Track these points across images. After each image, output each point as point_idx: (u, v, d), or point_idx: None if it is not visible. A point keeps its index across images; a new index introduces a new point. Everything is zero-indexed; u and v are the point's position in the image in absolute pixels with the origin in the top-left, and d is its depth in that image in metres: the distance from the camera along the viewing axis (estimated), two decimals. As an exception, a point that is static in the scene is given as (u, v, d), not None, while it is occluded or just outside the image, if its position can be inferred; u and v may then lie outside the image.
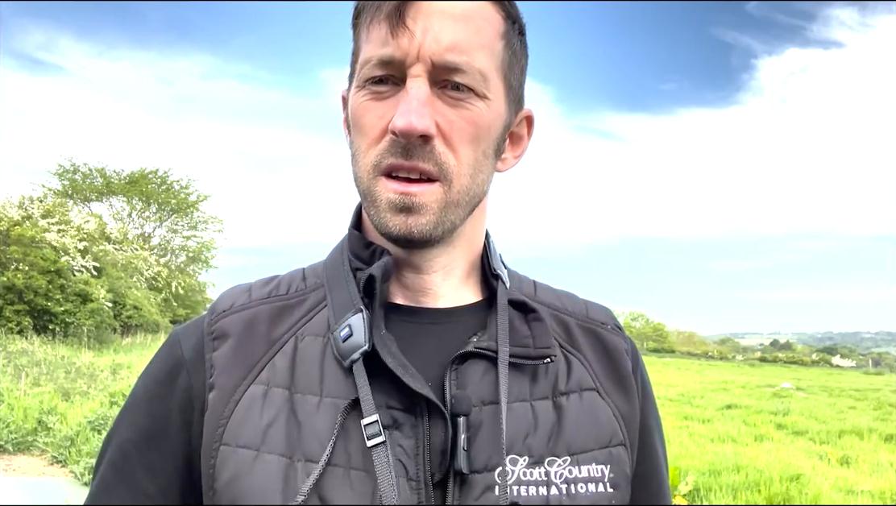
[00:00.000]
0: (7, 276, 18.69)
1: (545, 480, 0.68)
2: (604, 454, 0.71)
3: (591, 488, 0.69)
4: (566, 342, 0.78)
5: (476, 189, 0.72)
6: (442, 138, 0.68)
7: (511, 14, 0.73)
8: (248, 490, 0.66)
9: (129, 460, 0.72)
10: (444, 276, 0.76)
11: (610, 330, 0.82)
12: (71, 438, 7.52)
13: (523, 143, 0.80)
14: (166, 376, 0.74)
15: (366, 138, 0.70)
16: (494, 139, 0.72)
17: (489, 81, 0.69)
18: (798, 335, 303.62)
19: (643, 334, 50.74)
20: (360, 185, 0.71)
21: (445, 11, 0.67)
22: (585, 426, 0.72)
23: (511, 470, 0.67)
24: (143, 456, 0.72)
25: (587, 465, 0.70)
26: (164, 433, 0.72)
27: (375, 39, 0.68)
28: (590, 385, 0.75)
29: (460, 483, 0.65)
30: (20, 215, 20.70)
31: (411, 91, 0.66)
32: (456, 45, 0.67)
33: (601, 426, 0.73)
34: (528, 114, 0.79)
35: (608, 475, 0.70)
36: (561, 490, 0.68)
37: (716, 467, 7.34)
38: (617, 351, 0.79)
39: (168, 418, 0.72)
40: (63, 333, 19.38)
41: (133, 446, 0.73)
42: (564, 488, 0.68)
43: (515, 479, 0.67)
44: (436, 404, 0.66)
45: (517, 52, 0.74)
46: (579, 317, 0.82)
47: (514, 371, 0.72)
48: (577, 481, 0.69)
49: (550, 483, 0.68)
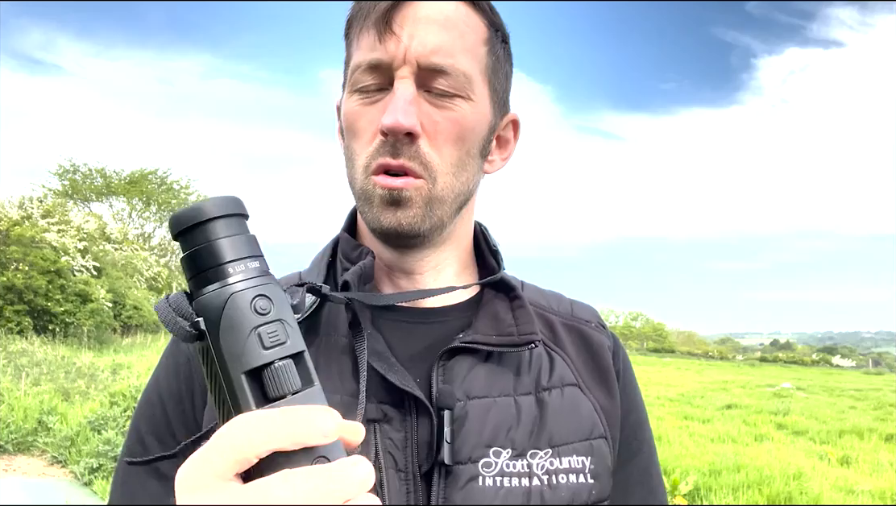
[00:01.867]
0: (7, 276, 18.70)
1: (527, 471, 0.70)
2: (584, 446, 0.74)
3: (571, 478, 0.72)
4: (550, 340, 0.81)
5: (461, 187, 0.74)
6: (427, 138, 0.71)
7: (494, 22, 0.77)
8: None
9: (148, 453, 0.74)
10: (434, 276, 0.79)
11: (594, 328, 0.85)
12: (71, 438, 7.53)
13: (510, 146, 0.83)
14: (169, 375, 0.77)
15: (359, 141, 0.73)
16: (479, 140, 0.75)
17: (473, 84, 0.73)
18: (798, 335, 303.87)
19: (643, 334, 50.73)
20: (355, 186, 0.74)
21: (431, 18, 0.71)
22: (566, 420, 0.74)
23: (494, 462, 0.70)
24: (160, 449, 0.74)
25: (568, 457, 0.72)
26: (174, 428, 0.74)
27: (364, 46, 0.72)
28: (571, 381, 0.78)
29: (445, 474, 0.68)
30: (20, 215, 20.71)
31: (398, 91, 0.69)
32: (441, 49, 0.70)
33: (582, 420, 0.75)
34: (513, 118, 0.82)
35: (589, 467, 0.73)
36: (542, 481, 0.70)
37: (716, 467, 7.35)
38: (599, 347, 0.82)
39: (180, 413, 0.75)
40: (63, 333, 19.39)
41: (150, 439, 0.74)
42: (546, 478, 0.71)
43: (499, 470, 0.70)
44: (422, 400, 0.69)
45: (500, 58, 0.77)
46: (564, 316, 0.85)
47: (498, 366, 0.75)
48: (558, 472, 0.71)
49: (532, 474, 0.70)
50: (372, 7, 0.72)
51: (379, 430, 0.69)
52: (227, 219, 0.46)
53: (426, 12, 0.71)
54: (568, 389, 0.77)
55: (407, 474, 0.68)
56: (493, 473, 0.69)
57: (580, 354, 0.81)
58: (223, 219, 0.46)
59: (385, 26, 0.70)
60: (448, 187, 0.73)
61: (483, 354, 0.75)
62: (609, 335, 0.85)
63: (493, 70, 0.76)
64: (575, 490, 0.71)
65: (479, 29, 0.74)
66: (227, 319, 0.45)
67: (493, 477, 0.69)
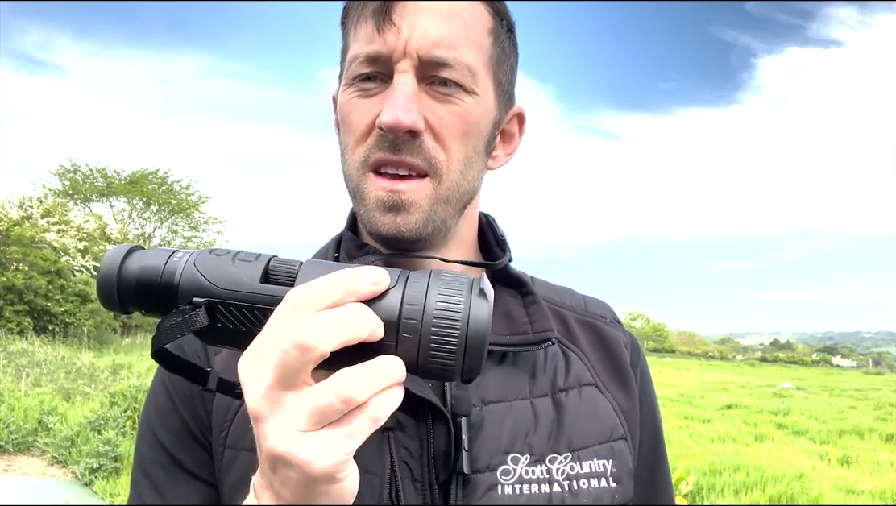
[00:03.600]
0: (7, 276, 18.68)
1: (547, 477, 0.67)
2: (605, 449, 0.71)
3: (593, 483, 0.69)
4: (564, 337, 0.77)
5: (467, 186, 0.71)
6: (431, 133, 0.67)
7: (499, 11, 0.73)
8: None
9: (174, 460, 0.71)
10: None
11: (608, 323, 0.82)
12: (71, 438, 7.52)
13: (515, 140, 0.79)
14: (178, 380, 0.73)
15: (353, 135, 0.70)
16: (484, 135, 0.72)
17: (477, 77, 0.69)
18: (798, 335, 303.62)
19: (643, 334, 50.68)
20: (349, 182, 0.71)
21: (432, 8, 0.67)
22: (585, 422, 0.71)
23: (513, 469, 0.67)
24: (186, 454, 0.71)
25: (588, 460, 0.70)
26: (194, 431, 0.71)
27: (363, 37, 0.68)
28: (588, 380, 0.75)
29: (463, 483, 0.65)
30: (20, 215, 20.70)
31: (398, 86, 0.66)
32: (443, 41, 0.67)
33: (601, 421, 0.72)
34: (519, 111, 0.78)
35: (610, 470, 0.70)
36: (563, 487, 0.67)
37: (716, 467, 7.34)
38: (615, 344, 0.79)
39: (191, 418, 0.72)
40: (63, 333, 19.37)
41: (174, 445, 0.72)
42: (566, 484, 0.68)
43: (517, 477, 0.67)
44: (438, 406, 0.66)
45: (506, 49, 0.74)
46: (577, 311, 0.82)
47: (513, 368, 0.72)
48: (578, 477, 0.68)
49: (552, 480, 0.67)
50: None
51: (393, 438, 0.65)
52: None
53: (428, 3, 0.67)
54: (585, 389, 0.74)
55: (423, 484, 0.65)
56: (511, 480, 0.66)
57: (596, 351, 0.78)
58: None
59: (385, 16, 0.66)
60: (454, 187, 0.69)
61: (497, 356, 0.72)
62: (624, 331, 0.82)
63: (498, 62, 0.72)
64: (597, 495, 0.68)
65: (484, 18, 0.71)
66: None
67: (511, 485, 0.66)
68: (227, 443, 0.68)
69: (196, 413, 0.71)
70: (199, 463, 0.71)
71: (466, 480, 0.66)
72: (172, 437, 0.72)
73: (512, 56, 0.75)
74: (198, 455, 0.71)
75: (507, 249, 0.79)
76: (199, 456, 0.71)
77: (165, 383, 0.74)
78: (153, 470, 0.72)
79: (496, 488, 0.66)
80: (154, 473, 0.72)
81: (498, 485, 0.66)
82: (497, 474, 0.67)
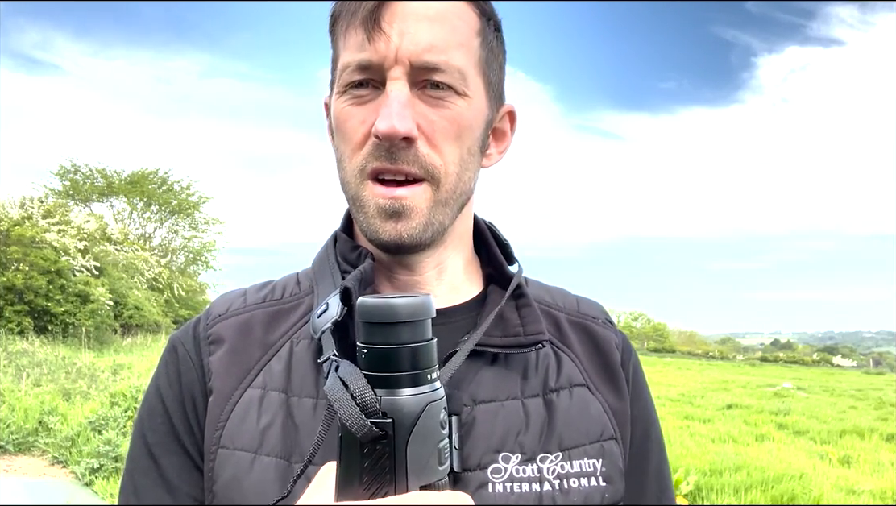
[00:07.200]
0: (7, 276, 18.68)
1: (538, 476, 0.69)
2: (595, 449, 0.72)
3: (583, 482, 0.70)
4: (556, 338, 0.79)
5: (463, 187, 0.72)
6: (425, 139, 0.68)
7: (486, 11, 0.74)
8: (245, 492, 0.66)
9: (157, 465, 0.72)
10: (437, 274, 0.77)
11: (601, 324, 0.83)
12: (72, 438, 7.52)
13: (507, 138, 0.81)
14: (171, 383, 0.75)
15: (349, 143, 0.71)
16: (478, 136, 0.73)
17: (468, 79, 0.70)
18: (799, 335, 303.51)
19: (644, 334, 50.72)
20: (348, 190, 0.72)
21: (420, 13, 0.68)
22: (576, 422, 0.73)
23: (504, 467, 0.68)
24: (168, 459, 0.72)
25: (579, 460, 0.71)
26: (181, 435, 0.73)
27: (353, 45, 0.69)
28: (579, 381, 0.76)
29: (453, 482, 0.66)
30: (20, 215, 20.70)
31: (391, 94, 0.67)
32: (433, 46, 0.67)
33: (592, 421, 0.74)
34: (509, 109, 0.80)
35: (600, 469, 0.71)
36: (554, 486, 0.69)
37: (717, 467, 7.34)
38: (607, 345, 0.80)
39: (180, 421, 0.73)
40: (63, 333, 19.38)
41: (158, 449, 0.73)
42: (557, 483, 0.69)
43: (508, 476, 0.68)
44: None
45: (494, 48, 0.75)
46: (570, 312, 0.83)
47: (505, 368, 0.73)
48: (569, 476, 0.70)
49: (543, 479, 0.69)
50: (359, 3, 0.68)
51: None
52: (426, 323, 0.47)
53: (415, 7, 0.68)
54: (576, 389, 0.75)
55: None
56: (502, 479, 0.68)
57: (587, 352, 0.79)
58: (424, 322, 0.47)
59: (374, 24, 0.67)
60: (452, 189, 0.71)
61: (489, 357, 0.73)
62: (617, 332, 0.83)
63: (487, 62, 0.73)
64: (587, 494, 0.69)
65: (471, 20, 0.72)
66: (421, 427, 0.45)
67: (502, 483, 0.67)
68: (222, 442, 0.69)
69: (186, 416, 0.72)
70: (180, 471, 0.71)
71: (457, 478, 0.67)
72: (158, 439, 0.73)
73: (500, 55, 0.77)
74: (180, 462, 0.72)
75: (511, 253, 0.81)
76: (181, 463, 0.72)
77: (159, 386, 0.75)
78: (136, 475, 0.73)
79: (487, 486, 0.67)
80: (136, 478, 0.73)
81: (489, 483, 0.67)
82: (488, 472, 0.68)
